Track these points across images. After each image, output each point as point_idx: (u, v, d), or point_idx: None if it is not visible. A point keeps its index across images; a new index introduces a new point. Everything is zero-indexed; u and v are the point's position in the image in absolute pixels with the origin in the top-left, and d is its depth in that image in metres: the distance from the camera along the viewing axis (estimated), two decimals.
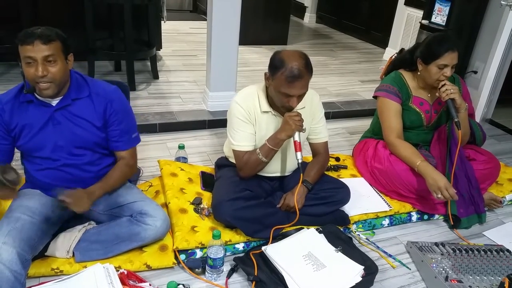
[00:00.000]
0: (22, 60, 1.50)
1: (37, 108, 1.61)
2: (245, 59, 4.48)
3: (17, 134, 1.62)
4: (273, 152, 1.82)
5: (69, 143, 1.65)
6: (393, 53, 4.54)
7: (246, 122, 1.85)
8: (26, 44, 1.47)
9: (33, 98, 1.60)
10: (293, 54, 1.71)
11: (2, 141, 1.62)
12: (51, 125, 1.63)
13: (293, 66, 1.65)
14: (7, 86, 3.20)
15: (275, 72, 1.70)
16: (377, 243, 1.99)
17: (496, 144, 3.20)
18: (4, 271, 1.35)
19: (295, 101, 1.72)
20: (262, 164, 1.84)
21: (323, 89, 3.83)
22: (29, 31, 1.49)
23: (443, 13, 3.54)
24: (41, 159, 1.65)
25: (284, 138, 1.78)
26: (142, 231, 1.66)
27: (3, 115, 1.60)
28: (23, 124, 1.61)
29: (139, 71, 3.85)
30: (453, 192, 1.95)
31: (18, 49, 1.50)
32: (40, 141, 1.63)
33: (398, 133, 2.20)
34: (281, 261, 1.67)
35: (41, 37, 1.47)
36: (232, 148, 1.89)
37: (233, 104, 1.86)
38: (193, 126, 2.99)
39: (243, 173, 1.89)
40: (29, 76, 1.51)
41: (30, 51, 1.47)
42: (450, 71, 2.06)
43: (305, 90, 1.73)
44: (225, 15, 2.86)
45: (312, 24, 6.96)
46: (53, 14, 3.63)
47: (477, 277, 1.71)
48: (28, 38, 1.47)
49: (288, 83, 1.66)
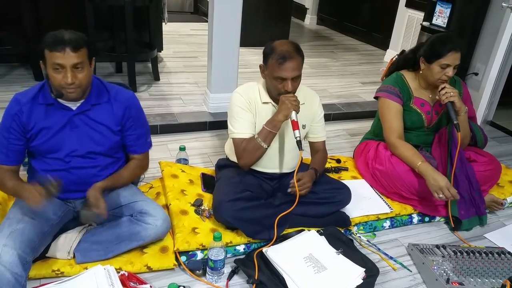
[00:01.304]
0: (49, 65, 1.50)
1: (56, 111, 1.61)
2: (246, 60, 4.49)
3: (33, 135, 1.61)
4: (271, 135, 1.81)
5: (85, 147, 1.66)
6: (394, 55, 4.55)
7: (246, 111, 1.88)
8: (56, 51, 1.46)
9: (54, 101, 1.60)
10: (282, 41, 1.81)
11: (17, 141, 1.61)
12: (69, 129, 1.63)
13: (283, 49, 1.75)
14: (9, 88, 3.22)
15: (267, 59, 1.79)
16: (378, 245, 1.99)
17: (497, 146, 3.20)
18: (5, 273, 1.35)
19: (289, 84, 1.76)
20: (261, 150, 1.83)
21: (323, 91, 3.82)
22: (59, 37, 1.48)
23: (444, 15, 3.54)
24: (53, 160, 1.65)
25: (282, 119, 1.79)
26: (142, 230, 1.66)
27: (21, 116, 1.58)
28: (41, 127, 1.60)
29: (140, 72, 3.85)
30: (454, 192, 1.95)
31: (44, 53, 1.49)
32: (56, 143, 1.63)
33: (399, 133, 2.20)
34: (282, 263, 1.67)
35: (71, 44, 1.47)
36: (232, 137, 1.90)
37: (234, 94, 1.92)
38: (194, 127, 3.00)
39: (242, 161, 1.89)
40: (56, 81, 1.52)
41: (60, 59, 1.47)
42: (452, 71, 2.06)
43: (298, 72, 1.77)
44: (226, 16, 2.87)
45: (313, 25, 6.96)
46: (54, 15, 3.63)
47: (479, 280, 1.71)
48: (58, 45, 1.46)
49: (279, 65, 1.73)
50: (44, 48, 1.49)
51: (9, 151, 1.61)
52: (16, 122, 1.58)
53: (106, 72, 3.81)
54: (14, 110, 1.58)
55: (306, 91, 2.00)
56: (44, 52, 1.49)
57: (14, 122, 1.58)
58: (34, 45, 3.35)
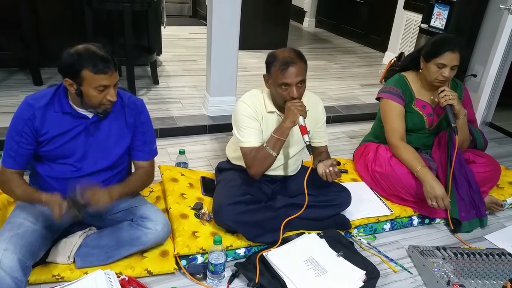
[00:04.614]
0: (91, 86, 1.48)
1: (72, 119, 1.60)
2: (245, 63, 4.49)
3: (46, 141, 1.59)
4: (280, 142, 1.79)
5: (96, 155, 1.65)
6: (392, 57, 4.57)
7: (253, 119, 1.86)
8: (102, 73, 1.46)
9: (72, 110, 1.59)
10: (283, 49, 1.83)
11: (27, 146, 1.58)
12: (84, 136, 1.62)
13: (285, 55, 1.76)
14: (8, 92, 3.22)
15: (270, 68, 1.79)
16: (378, 247, 1.99)
17: (497, 147, 3.20)
18: (5, 277, 1.35)
19: (294, 90, 1.75)
20: (271, 158, 1.81)
21: (323, 94, 3.83)
22: (100, 58, 1.46)
23: (442, 17, 3.55)
24: (60, 166, 1.63)
25: (289, 125, 1.77)
26: (142, 235, 1.66)
27: (34, 121, 1.56)
28: (56, 133, 1.59)
29: (139, 76, 3.86)
30: (447, 203, 1.99)
31: (82, 73, 1.46)
32: (69, 150, 1.62)
33: (401, 135, 2.21)
34: (283, 266, 1.67)
35: (112, 63, 1.48)
36: (241, 146, 1.87)
37: (239, 104, 1.89)
38: (194, 131, 2.99)
39: (253, 170, 1.85)
40: (97, 100, 1.52)
41: (107, 80, 1.49)
42: (448, 71, 2.07)
43: (302, 77, 1.76)
44: (225, 20, 2.87)
45: (311, 28, 6.98)
46: (54, 20, 3.64)
47: (479, 281, 1.71)
48: (105, 68, 1.46)
49: (282, 71, 1.73)
50: (82, 69, 1.46)
51: (18, 155, 1.59)
52: (28, 126, 1.55)
53: None
54: (27, 115, 1.55)
55: (309, 97, 1.98)
56: (81, 72, 1.46)
57: (27, 127, 1.55)
58: (33, 50, 3.38)
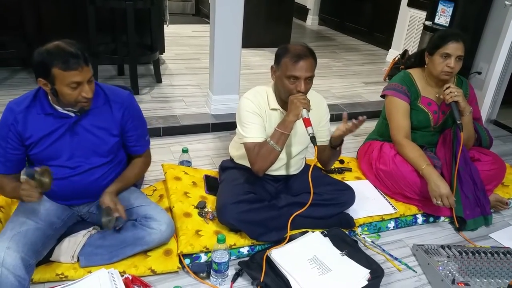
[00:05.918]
0: (64, 84, 1.44)
1: (55, 120, 1.58)
2: (248, 62, 4.48)
3: (33, 144, 1.58)
4: (284, 137, 1.78)
5: (85, 153, 1.65)
6: (396, 54, 4.54)
7: (256, 115, 1.85)
8: (71, 69, 1.42)
9: (53, 110, 1.57)
10: (296, 43, 1.83)
11: (14, 151, 1.58)
12: (69, 136, 1.61)
13: (297, 48, 1.76)
14: (10, 91, 3.22)
15: (280, 59, 1.78)
16: (382, 246, 1.98)
17: (502, 145, 3.18)
18: (8, 276, 1.35)
19: (302, 84, 1.74)
20: (274, 153, 1.79)
21: (326, 91, 3.82)
22: (68, 53, 1.41)
23: (447, 14, 3.53)
24: (53, 167, 1.60)
25: (293, 119, 1.76)
26: (146, 235, 1.66)
27: (16, 126, 1.55)
28: (41, 135, 1.57)
29: (142, 75, 3.86)
30: (453, 201, 1.98)
31: (52, 72, 1.41)
32: (56, 150, 1.61)
33: (406, 132, 2.19)
34: (286, 265, 1.66)
35: (82, 58, 1.44)
36: (244, 142, 1.86)
37: (243, 100, 1.89)
38: (197, 129, 2.99)
39: (256, 166, 1.82)
40: (72, 98, 1.48)
41: (78, 76, 1.44)
42: (454, 61, 2.06)
43: (311, 73, 1.76)
44: (228, 18, 2.86)
45: (314, 26, 6.96)
46: (56, 19, 3.65)
47: (484, 280, 1.69)
48: (75, 64, 1.42)
49: (293, 63, 1.72)
50: (52, 67, 1.41)
51: (7, 160, 1.59)
52: (12, 132, 1.55)
53: (108, 75, 3.82)
54: (10, 120, 1.55)
55: (313, 96, 1.97)
56: (51, 71, 1.42)
57: (11, 132, 1.55)
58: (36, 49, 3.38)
